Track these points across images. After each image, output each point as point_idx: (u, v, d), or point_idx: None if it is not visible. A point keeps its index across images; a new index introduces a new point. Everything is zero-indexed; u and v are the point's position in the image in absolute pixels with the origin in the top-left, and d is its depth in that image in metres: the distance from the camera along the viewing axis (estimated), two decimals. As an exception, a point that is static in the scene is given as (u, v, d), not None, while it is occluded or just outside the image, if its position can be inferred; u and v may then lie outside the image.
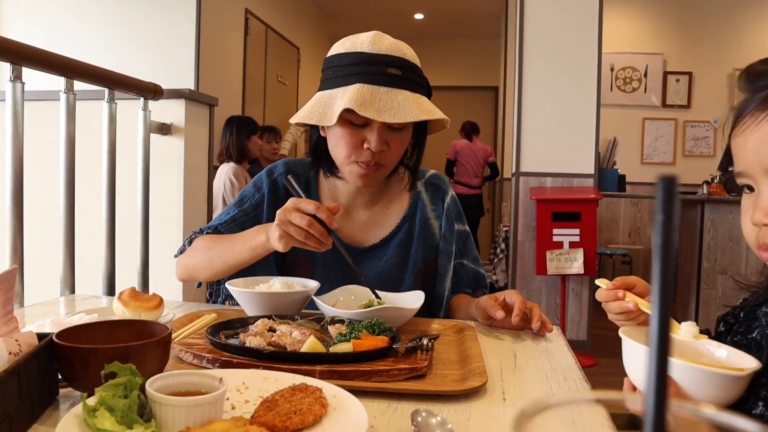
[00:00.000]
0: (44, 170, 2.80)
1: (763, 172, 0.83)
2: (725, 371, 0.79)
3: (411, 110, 1.30)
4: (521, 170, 4.43)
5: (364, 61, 1.33)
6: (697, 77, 6.67)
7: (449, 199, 1.58)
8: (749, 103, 0.86)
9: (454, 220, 1.57)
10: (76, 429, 0.67)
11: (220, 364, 0.95)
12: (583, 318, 4.44)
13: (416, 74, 1.38)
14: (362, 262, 1.48)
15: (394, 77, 1.33)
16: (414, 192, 1.56)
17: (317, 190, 1.53)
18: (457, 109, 8.62)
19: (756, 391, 0.84)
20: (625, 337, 0.88)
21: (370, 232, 1.52)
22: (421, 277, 1.50)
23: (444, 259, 1.54)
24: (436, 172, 1.64)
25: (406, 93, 1.33)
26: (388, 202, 1.55)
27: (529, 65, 4.37)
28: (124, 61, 3.81)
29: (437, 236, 1.55)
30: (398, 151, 1.40)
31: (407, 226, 1.53)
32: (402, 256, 1.50)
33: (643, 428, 0.22)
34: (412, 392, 0.89)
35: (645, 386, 0.22)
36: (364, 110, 1.28)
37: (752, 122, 0.84)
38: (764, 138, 0.82)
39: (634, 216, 6.73)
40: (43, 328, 1.02)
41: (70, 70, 1.82)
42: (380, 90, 1.31)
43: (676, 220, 0.22)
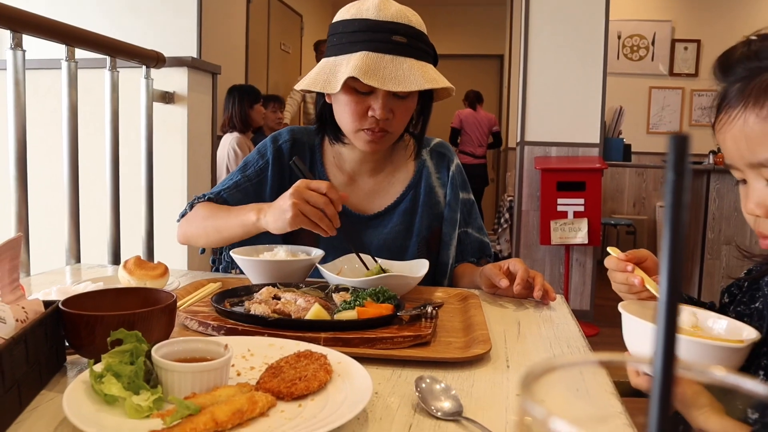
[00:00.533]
0: (48, 140, 2.80)
1: (747, 166, 0.82)
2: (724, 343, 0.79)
3: (415, 78, 1.29)
4: (526, 139, 4.40)
5: (369, 28, 1.31)
6: (705, 45, 6.58)
7: (454, 167, 1.58)
8: (724, 97, 0.84)
9: (459, 189, 1.57)
10: (83, 395, 0.68)
11: (225, 331, 0.96)
12: (587, 288, 4.45)
13: (422, 41, 1.36)
14: (367, 230, 1.49)
15: (399, 45, 1.31)
16: (419, 160, 1.55)
17: (322, 157, 1.53)
18: (462, 77, 8.53)
19: (756, 360, 0.84)
20: (625, 312, 0.88)
21: (374, 200, 1.52)
22: (426, 245, 1.50)
23: (448, 227, 1.53)
24: (442, 141, 1.63)
25: (411, 61, 1.31)
26: (393, 170, 1.54)
27: (535, 33, 4.31)
28: (126, 29, 3.78)
29: (442, 204, 1.55)
30: (403, 119, 1.39)
31: (412, 193, 1.52)
32: (407, 224, 1.50)
33: (650, 391, 0.22)
34: (416, 359, 0.89)
35: (654, 346, 0.22)
36: (368, 78, 1.26)
37: (727, 119, 0.83)
38: (739, 135, 0.81)
39: (639, 186, 6.71)
40: (49, 296, 1.03)
41: (71, 38, 1.80)
42: (385, 58, 1.30)
43: (687, 179, 0.21)
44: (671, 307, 0.22)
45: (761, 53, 0.80)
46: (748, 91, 0.80)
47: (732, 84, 0.83)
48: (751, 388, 0.24)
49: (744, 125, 0.80)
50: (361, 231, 1.49)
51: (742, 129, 0.80)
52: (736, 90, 0.82)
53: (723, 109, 0.84)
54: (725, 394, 0.24)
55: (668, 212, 0.21)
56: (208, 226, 1.38)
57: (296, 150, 1.51)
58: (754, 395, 0.24)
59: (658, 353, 0.23)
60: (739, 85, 0.82)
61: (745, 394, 0.25)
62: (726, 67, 0.84)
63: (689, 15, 6.65)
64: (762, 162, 0.79)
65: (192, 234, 1.43)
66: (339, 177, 1.52)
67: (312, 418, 0.67)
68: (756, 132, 0.79)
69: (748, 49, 0.82)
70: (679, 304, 0.21)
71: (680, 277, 0.22)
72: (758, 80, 0.79)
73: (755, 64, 0.80)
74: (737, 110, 0.81)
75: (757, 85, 0.79)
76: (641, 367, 0.87)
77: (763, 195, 0.82)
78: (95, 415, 0.65)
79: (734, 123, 0.81)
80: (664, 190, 0.21)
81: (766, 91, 0.78)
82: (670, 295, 0.22)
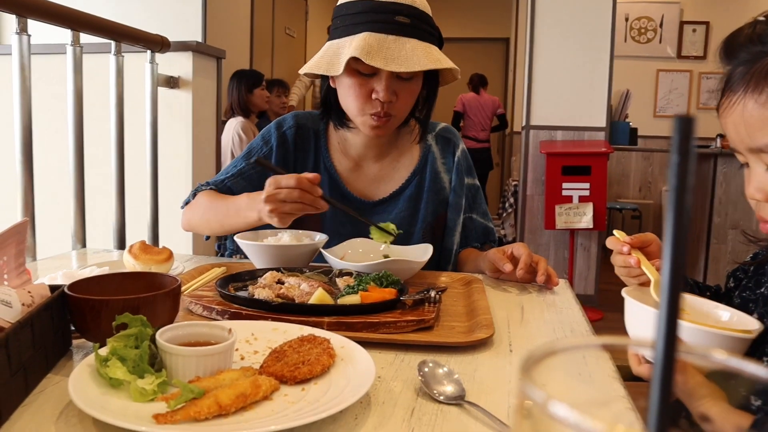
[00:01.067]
0: (53, 124, 2.80)
1: (748, 151, 0.82)
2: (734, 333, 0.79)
3: (419, 59, 1.28)
4: (531, 123, 4.38)
5: (372, 9, 1.30)
6: (714, 27, 6.51)
7: (460, 152, 1.57)
8: (728, 80, 0.84)
9: (464, 174, 1.56)
10: (89, 378, 0.69)
11: (229, 315, 0.96)
12: (591, 273, 4.45)
13: (426, 23, 1.35)
14: (372, 216, 1.48)
15: (402, 25, 1.30)
16: (424, 145, 1.55)
17: (327, 143, 1.52)
18: (467, 61, 8.47)
19: (761, 347, 0.84)
20: (628, 297, 0.88)
21: (379, 186, 1.52)
22: (431, 230, 1.50)
23: (453, 213, 1.53)
24: (447, 125, 1.62)
25: (414, 42, 1.30)
26: (398, 155, 1.53)
27: (542, 16, 4.27)
28: (130, 14, 3.76)
29: (447, 190, 1.54)
30: (408, 102, 1.38)
31: (417, 179, 1.52)
32: (412, 210, 1.50)
33: (652, 374, 0.22)
34: (419, 344, 0.89)
35: (655, 329, 0.22)
36: (370, 59, 1.25)
37: (728, 104, 0.83)
38: (739, 120, 0.81)
39: (645, 170, 6.67)
40: (55, 281, 1.04)
41: (75, 22, 1.80)
42: (388, 38, 1.28)
43: (692, 162, 0.21)
44: (674, 291, 0.22)
45: (765, 37, 0.79)
46: (748, 76, 0.79)
47: (736, 67, 0.82)
48: (754, 372, 0.24)
49: (743, 110, 0.80)
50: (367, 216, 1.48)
51: (742, 114, 0.80)
52: (739, 74, 0.81)
53: (725, 93, 0.84)
54: (727, 381, 0.24)
55: (672, 195, 0.21)
56: (211, 219, 1.38)
57: (300, 135, 1.50)
58: (756, 380, 0.24)
59: (660, 334, 0.23)
60: (741, 69, 0.81)
61: (747, 381, 0.25)
62: (730, 51, 0.84)
63: (698, -3, 6.58)
64: (761, 147, 0.79)
65: (195, 223, 1.44)
66: (344, 162, 1.51)
67: (315, 402, 0.67)
68: (755, 117, 0.79)
69: (752, 32, 0.81)
70: (681, 288, 0.21)
71: (683, 261, 0.22)
72: (759, 65, 0.79)
73: (758, 48, 0.80)
74: (738, 95, 0.81)
75: (758, 70, 0.79)
76: (643, 353, 0.87)
77: (763, 179, 0.82)
78: (100, 398, 0.65)
79: (734, 108, 0.81)
80: (668, 173, 0.21)
81: (766, 77, 0.77)
82: (672, 279, 0.22)
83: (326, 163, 1.50)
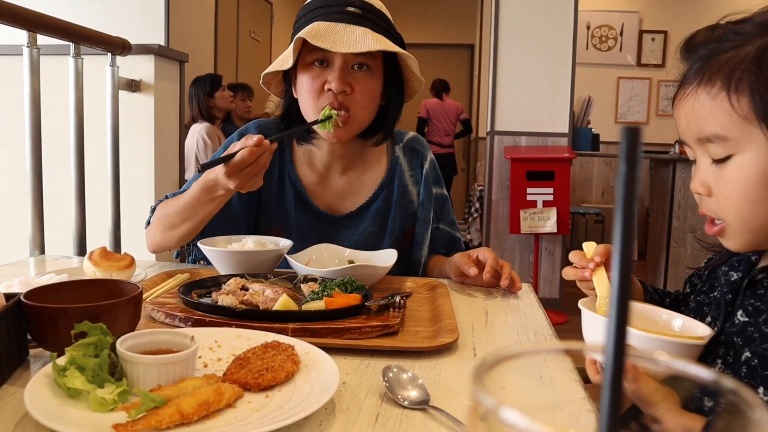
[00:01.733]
0: (10, 128, 2.73)
1: (696, 142, 0.85)
2: (684, 340, 0.81)
3: (368, 42, 1.26)
4: (496, 129, 4.43)
5: (323, 3, 1.31)
6: (672, 36, 6.68)
7: (428, 163, 1.55)
8: (685, 75, 0.87)
9: (432, 185, 1.55)
10: (46, 389, 0.67)
11: (192, 322, 0.95)
12: (556, 276, 4.51)
13: (381, 18, 1.34)
14: (339, 230, 1.47)
15: (353, 14, 1.29)
16: (392, 157, 1.53)
17: (292, 154, 1.49)
18: (432, 67, 8.53)
19: (714, 348, 0.87)
20: (584, 308, 0.89)
21: (346, 200, 1.49)
22: (399, 244, 1.48)
23: (421, 227, 1.52)
24: (415, 135, 1.60)
25: (364, 29, 1.29)
26: (365, 168, 1.51)
27: (505, 23, 4.33)
28: (90, 15, 3.70)
29: (415, 203, 1.53)
30: (365, 97, 1.35)
31: (385, 193, 1.50)
32: (379, 224, 1.48)
33: (602, 377, 0.23)
34: (384, 349, 0.90)
35: (605, 335, 0.23)
36: (317, 40, 1.24)
37: (682, 95, 0.86)
38: (690, 111, 0.84)
39: (607, 175, 6.80)
40: (11, 289, 1.01)
41: (32, 23, 1.75)
42: (338, 26, 1.28)
43: (639, 171, 0.22)
44: (622, 296, 0.23)
45: (724, 36, 0.82)
46: (703, 70, 0.82)
47: (693, 63, 0.85)
48: (698, 374, 0.25)
49: (695, 101, 0.83)
50: (333, 232, 1.47)
51: (693, 105, 0.83)
52: (695, 69, 0.84)
53: (681, 86, 0.87)
54: (681, 384, 0.25)
55: (619, 203, 0.22)
56: (175, 219, 1.33)
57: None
58: (702, 382, 0.25)
59: (610, 334, 0.23)
60: (698, 64, 0.84)
61: (699, 384, 0.25)
62: (689, 48, 0.87)
63: (657, 6, 6.75)
64: (708, 137, 0.82)
65: (159, 238, 1.38)
66: (309, 175, 1.48)
67: (279, 409, 0.67)
68: (705, 108, 0.82)
69: (712, 32, 0.84)
70: (630, 293, 0.22)
71: (631, 265, 0.22)
72: (715, 60, 0.82)
73: (716, 45, 0.83)
74: (692, 87, 0.84)
75: (713, 64, 0.82)
76: (599, 360, 0.89)
77: (707, 173, 0.84)
78: (58, 409, 0.64)
79: (687, 99, 0.84)
80: (615, 182, 0.22)
81: (719, 72, 0.80)
82: (621, 283, 0.23)
83: (291, 176, 1.47)
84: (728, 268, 0.94)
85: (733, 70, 0.79)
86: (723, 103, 0.79)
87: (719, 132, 0.80)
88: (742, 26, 0.81)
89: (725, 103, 0.79)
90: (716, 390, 0.25)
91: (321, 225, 1.46)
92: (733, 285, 0.91)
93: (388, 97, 1.43)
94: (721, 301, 0.92)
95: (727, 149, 0.80)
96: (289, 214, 1.46)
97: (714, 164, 0.83)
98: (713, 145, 0.82)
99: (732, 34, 0.81)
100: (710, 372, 0.25)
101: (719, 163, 0.82)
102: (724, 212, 0.84)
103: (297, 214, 1.46)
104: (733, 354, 0.84)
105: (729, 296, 0.90)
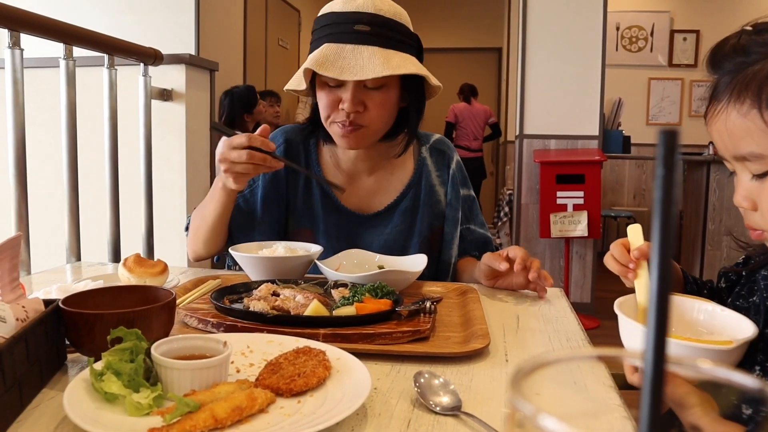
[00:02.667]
0: (47, 138, 2.80)
1: (733, 159, 0.84)
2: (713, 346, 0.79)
3: (374, 67, 1.25)
4: (525, 132, 4.40)
5: (333, 21, 1.31)
6: (704, 35, 6.57)
7: (454, 164, 1.56)
8: (713, 90, 0.85)
9: (459, 186, 1.55)
10: (84, 393, 0.68)
11: (224, 328, 0.96)
12: (587, 280, 4.46)
13: (392, 29, 1.31)
14: (368, 229, 1.48)
15: (361, 34, 1.28)
16: (419, 158, 1.53)
17: (318, 157, 1.51)
18: (459, 71, 8.51)
19: (753, 356, 0.84)
20: (621, 314, 0.88)
21: (374, 199, 1.50)
22: (428, 244, 1.49)
23: (450, 226, 1.52)
24: (441, 137, 1.61)
25: (373, 49, 1.27)
26: (391, 168, 1.52)
27: (533, 25, 4.30)
28: (123, 27, 3.77)
29: (443, 203, 1.53)
30: (380, 112, 1.35)
31: (412, 192, 1.50)
32: (408, 223, 1.49)
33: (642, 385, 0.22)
34: (415, 354, 0.89)
35: (644, 342, 0.22)
36: (324, 69, 1.26)
37: (713, 113, 0.84)
38: (723, 129, 0.82)
39: (638, 178, 6.70)
40: (49, 295, 1.03)
41: (68, 36, 1.80)
42: (346, 48, 1.27)
43: (677, 174, 0.21)
44: (662, 301, 0.22)
45: (749, 48, 0.80)
46: (731, 86, 0.81)
47: (721, 77, 0.84)
48: (740, 382, 0.24)
49: (727, 119, 0.81)
50: (362, 231, 1.48)
51: (725, 123, 0.81)
52: (723, 84, 0.83)
53: (711, 101, 0.85)
54: (718, 390, 0.24)
55: (657, 207, 0.22)
56: (200, 225, 1.42)
57: (290, 152, 1.50)
58: (744, 389, 0.24)
59: (649, 341, 0.23)
60: (726, 78, 0.82)
61: (737, 390, 0.25)
62: (716, 61, 0.85)
63: (688, 5, 6.64)
64: (745, 156, 0.80)
65: (197, 246, 1.45)
66: (337, 176, 1.50)
67: (311, 414, 0.67)
68: (737, 127, 0.80)
69: (737, 42, 0.82)
70: (670, 298, 0.22)
71: (670, 269, 0.22)
72: (742, 76, 0.80)
73: (741, 59, 0.81)
74: (722, 104, 0.82)
75: (740, 80, 0.80)
76: (637, 363, 0.87)
77: (749, 187, 0.83)
78: (96, 413, 0.65)
79: (719, 117, 0.83)
80: (654, 186, 0.21)
81: (747, 88, 0.78)
82: (660, 288, 0.22)
83: (319, 178, 1.49)
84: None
85: (762, 86, 0.77)
86: (756, 120, 0.78)
87: (755, 150, 0.79)
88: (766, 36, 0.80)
89: (758, 120, 0.78)
90: (759, 397, 0.24)
91: (350, 224, 1.47)
92: None
93: (408, 100, 1.43)
94: (761, 306, 0.89)
95: (765, 165, 0.79)
96: (317, 214, 1.47)
97: (755, 179, 0.82)
98: (751, 163, 0.80)
99: (757, 46, 0.80)
100: (754, 379, 0.24)
101: (760, 178, 0.81)
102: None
103: (325, 215, 1.47)
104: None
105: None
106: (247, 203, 1.47)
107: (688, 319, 0.91)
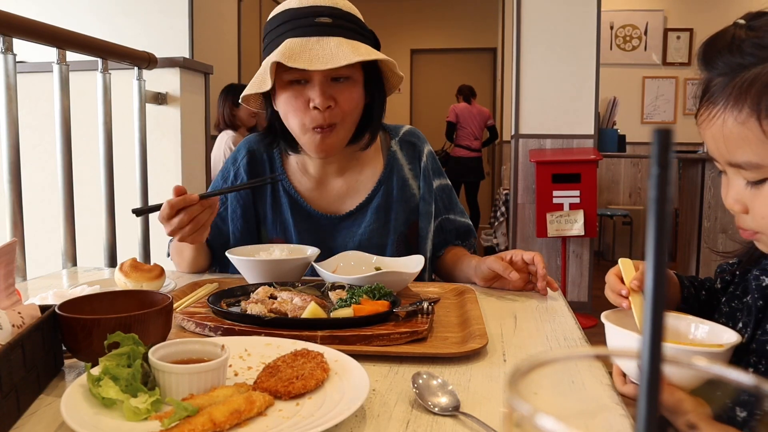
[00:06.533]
0: (41, 143, 2.79)
1: (726, 164, 0.82)
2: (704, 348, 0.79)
3: (345, 54, 1.23)
4: (520, 132, 4.40)
5: (292, 17, 1.28)
6: (698, 34, 6.58)
7: (426, 156, 1.52)
8: (706, 89, 0.83)
9: (432, 178, 1.52)
10: (81, 398, 0.68)
11: (222, 331, 0.96)
12: (584, 279, 4.46)
13: (352, 22, 1.31)
14: (341, 230, 1.46)
15: (324, 26, 1.26)
16: (388, 152, 1.50)
17: (283, 165, 1.49)
18: (454, 72, 8.52)
19: (745, 357, 0.85)
20: (608, 321, 0.88)
21: (345, 200, 1.48)
22: (404, 240, 1.47)
23: (425, 221, 1.49)
24: (411, 128, 1.57)
25: (339, 39, 1.26)
26: (360, 168, 1.49)
27: (528, 25, 4.31)
28: (117, 31, 3.77)
29: (417, 197, 1.50)
30: (349, 106, 1.33)
31: (384, 189, 1.47)
32: (382, 221, 1.46)
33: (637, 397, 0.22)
34: (413, 355, 0.89)
35: (640, 341, 0.22)
36: (293, 62, 1.22)
37: (707, 116, 0.82)
38: (718, 135, 0.80)
39: (634, 176, 6.71)
40: (45, 301, 1.03)
41: (61, 41, 1.79)
42: (311, 40, 1.25)
43: (671, 173, 0.21)
44: (657, 301, 0.22)
45: (743, 47, 0.78)
46: (728, 90, 0.78)
47: (715, 77, 0.81)
48: (736, 379, 0.24)
49: (723, 126, 0.79)
50: (335, 233, 1.46)
51: (721, 129, 0.79)
52: (718, 86, 0.80)
53: (704, 103, 0.82)
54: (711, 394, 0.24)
55: (653, 206, 0.22)
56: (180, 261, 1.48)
57: (253, 164, 1.49)
58: (740, 387, 0.24)
59: (645, 340, 0.23)
60: (720, 80, 0.80)
61: (731, 392, 0.25)
62: (707, 59, 0.82)
63: (681, 3, 6.66)
64: (740, 164, 0.79)
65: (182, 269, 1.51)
66: (305, 182, 1.48)
67: (309, 417, 0.67)
68: (734, 134, 0.78)
69: (731, 39, 0.80)
70: (665, 299, 0.22)
71: (665, 270, 0.22)
72: (739, 80, 0.77)
73: (737, 60, 0.78)
74: (717, 108, 0.80)
75: (737, 85, 0.77)
76: (627, 372, 0.87)
77: (741, 192, 0.82)
78: (93, 419, 0.65)
79: (714, 122, 0.80)
80: (649, 184, 0.21)
81: (745, 94, 0.76)
82: (656, 286, 0.22)
83: (285, 185, 1.47)
84: (760, 272, 0.91)
85: (761, 93, 0.75)
86: (754, 129, 0.76)
87: (752, 159, 0.77)
88: (762, 37, 0.77)
89: (756, 129, 0.76)
90: (754, 396, 0.24)
91: (322, 228, 1.46)
92: (765, 290, 0.88)
93: (370, 96, 1.41)
94: (752, 307, 0.89)
95: (761, 174, 0.78)
96: (287, 223, 1.46)
97: (749, 185, 0.81)
98: (747, 171, 0.79)
99: (752, 47, 0.77)
100: (749, 376, 0.24)
101: (755, 185, 0.80)
102: (761, 228, 0.82)
103: (295, 222, 1.45)
104: (765, 362, 0.82)
105: (760, 302, 0.88)
106: (224, 221, 1.49)
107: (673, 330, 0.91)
